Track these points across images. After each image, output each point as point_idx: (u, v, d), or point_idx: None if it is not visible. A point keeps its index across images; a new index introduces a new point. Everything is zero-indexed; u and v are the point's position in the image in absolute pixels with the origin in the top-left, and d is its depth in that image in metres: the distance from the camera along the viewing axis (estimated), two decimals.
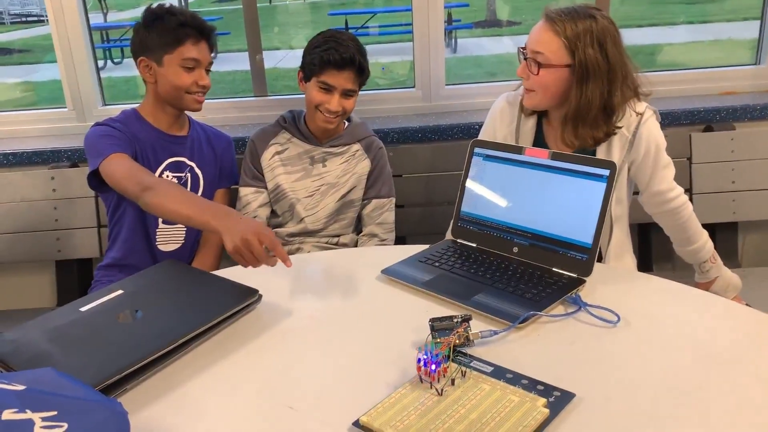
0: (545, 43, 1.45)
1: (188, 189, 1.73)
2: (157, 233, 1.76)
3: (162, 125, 1.73)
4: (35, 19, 10.72)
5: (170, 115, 1.73)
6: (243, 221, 1.23)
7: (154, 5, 1.69)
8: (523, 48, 1.51)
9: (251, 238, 1.16)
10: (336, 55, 1.64)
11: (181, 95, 1.67)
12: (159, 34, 1.64)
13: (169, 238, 1.77)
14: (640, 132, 1.50)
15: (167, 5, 1.69)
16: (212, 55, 1.72)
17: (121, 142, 1.62)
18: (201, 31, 1.66)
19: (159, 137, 1.72)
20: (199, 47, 1.66)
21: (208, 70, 1.71)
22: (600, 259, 1.57)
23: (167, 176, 1.73)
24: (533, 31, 1.49)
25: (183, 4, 11.50)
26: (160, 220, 1.75)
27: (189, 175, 1.77)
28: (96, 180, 1.62)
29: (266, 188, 1.79)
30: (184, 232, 1.79)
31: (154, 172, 1.69)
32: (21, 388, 0.74)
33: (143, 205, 1.45)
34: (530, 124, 1.59)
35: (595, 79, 1.43)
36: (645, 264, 2.15)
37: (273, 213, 1.82)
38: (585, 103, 1.45)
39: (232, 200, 1.84)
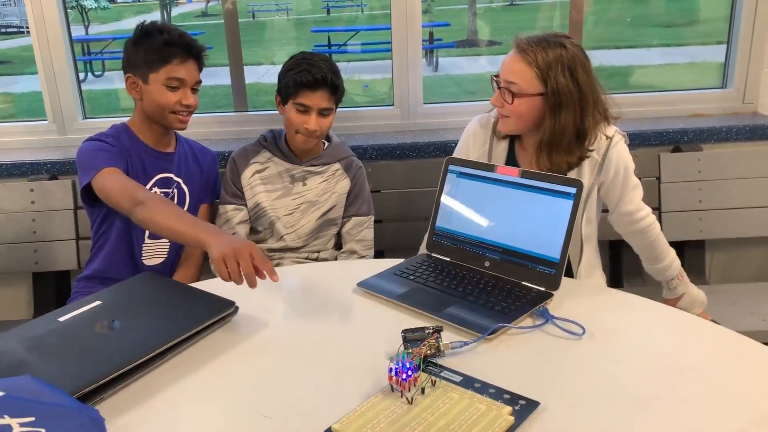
0: (518, 74, 1.49)
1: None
2: (143, 248, 1.76)
3: (150, 141, 1.74)
4: (15, 30, 10.64)
5: (157, 132, 1.74)
6: (234, 239, 1.23)
7: (147, 22, 1.69)
8: (496, 76, 1.55)
9: (243, 250, 1.16)
10: (309, 76, 1.68)
11: (165, 114, 1.67)
12: (146, 52, 1.64)
13: (153, 253, 1.78)
14: (610, 155, 1.54)
15: (159, 23, 1.68)
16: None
17: (114, 156, 1.62)
18: (188, 50, 1.66)
19: (148, 153, 1.73)
20: (186, 67, 1.66)
21: (195, 90, 1.71)
22: (571, 277, 1.61)
23: (155, 192, 1.73)
24: (505, 62, 1.53)
25: (165, 18, 11.53)
26: (146, 234, 1.75)
27: (176, 191, 1.78)
28: (87, 194, 1.62)
29: (246, 206, 1.81)
30: (167, 248, 1.79)
31: (144, 186, 1.70)
32: None
33: (135, 219, 1.46)
34: (502, 146, 1.63)
35: (567, 106, 1.47)
36: (616, 280, 2.20)
37: (253, 229, 1.84)
38: (559, 130, 1.49)
39: (215, 215, 1.85)
